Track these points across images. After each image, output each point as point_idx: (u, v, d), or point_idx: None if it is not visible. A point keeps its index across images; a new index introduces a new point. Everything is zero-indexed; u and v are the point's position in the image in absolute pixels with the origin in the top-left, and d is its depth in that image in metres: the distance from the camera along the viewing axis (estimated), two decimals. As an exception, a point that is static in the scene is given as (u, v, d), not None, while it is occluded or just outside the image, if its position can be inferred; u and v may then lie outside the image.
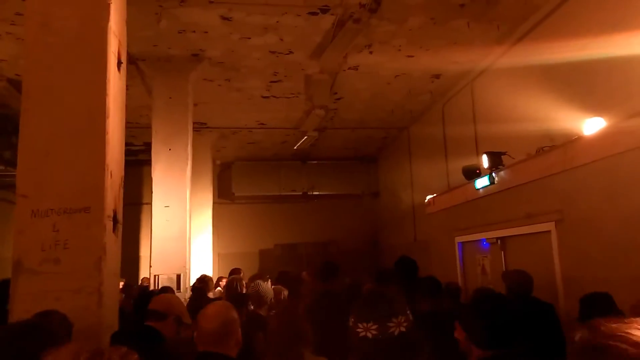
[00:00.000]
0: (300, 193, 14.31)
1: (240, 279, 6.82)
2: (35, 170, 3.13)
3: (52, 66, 3.23)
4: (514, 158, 6.09)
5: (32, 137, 3.16)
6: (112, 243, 3.29)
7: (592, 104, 5.20)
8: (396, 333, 1.58)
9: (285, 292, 5.56)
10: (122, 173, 3.54)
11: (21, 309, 2.88)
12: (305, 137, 11.09)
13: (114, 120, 3.30)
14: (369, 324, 1.59)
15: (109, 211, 3.21)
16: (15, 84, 8.01)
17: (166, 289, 5.53)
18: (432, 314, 3.64)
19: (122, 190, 3.52)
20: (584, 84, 5.54)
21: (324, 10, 6.28)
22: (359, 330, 1.60)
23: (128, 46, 3.82)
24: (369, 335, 1.58)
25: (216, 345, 2.29)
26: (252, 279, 6.17)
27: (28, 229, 3.06)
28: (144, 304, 3.53)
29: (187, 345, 3.01)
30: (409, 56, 7.74)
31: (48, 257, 3.04)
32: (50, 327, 2.05)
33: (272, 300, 4.92)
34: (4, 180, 10.89)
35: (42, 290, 2.98)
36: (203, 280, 6.62)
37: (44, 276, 3.01)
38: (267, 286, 6.04)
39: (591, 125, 4.83)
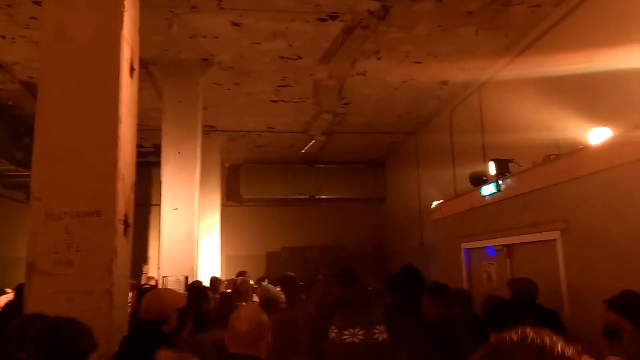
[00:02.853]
0: (308, 196, 14.37)
1: (246, 281, 6.90)
2: (50, 174, 3.21)
3: (66, 72, 3.32)
4: (521, 166, 6.10)
5: (47, 142, 3.25)
6: (123, 246, 3.36)
7: (599, 114, 5.21)
8: (380, 339, 1.64)
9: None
10: (134, 177, 3.62)
11: (35, 310, 2.95)
12: (313, 141, 11.15)
13: (126, 125, 3.38)
14: (356, 330, 1.63)
15: (120, 215, 3.28)
16: (29, 86, 8.15)
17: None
18: (445, 321, 3.66)
19: (133, 194, 3.59)
20: (590, 94, 5.56)
21: (333, 16, 6.35)
22: (345, 337, 1.64)
23: (139, 50, 3.90)
24: (356, 340, 1.62)
25: (247, 347, 2.31)
26: (259, 281, 6.24)
27: (42, 232, 3.13)
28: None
29: (196, 344, 3.04)
30: (416, 62, 7.79)
31: (61, 259, 3.11)
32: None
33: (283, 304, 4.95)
34: (15, 180, 11.03)
35: (55, 291, 3.06)
36: (214, 282, 6.67)
37: (57, 278, 3.08)
38: (276, 290, 6.10)
39: (597, 135, 4.83)
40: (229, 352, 2.36)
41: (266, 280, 9.53)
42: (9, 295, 5.39)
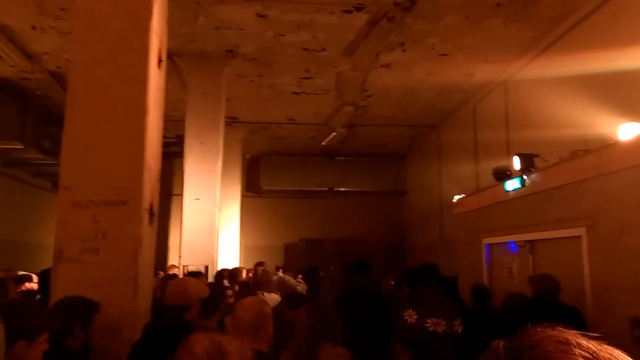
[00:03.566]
0: (327, 189, 14.38)
1: (268, 271, 6.96)
2: (78, 164, 3.26)
3: (96, 63, 3.36)
4: (546, 161, 6.00)
5: (76, 131, 3.30)
6: (148, 235, 3.41)
7: (629, 109, 5.09)
8: (459, 331, 1.66)
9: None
10: (160, 168, 3.66)
11: (62, 296, 3.02)
12: (334, 134, 11.13)
13: (153, 116, 3.41)
14: (438, 320, 1.65)
15: (146, 204, 3.33)
16: (56, 76, 8.29)
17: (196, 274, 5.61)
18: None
19: (158, 184, 3.63)
20: (620, 89, 5.42)
21: (359, 8, 6.30)
22: (427, 325, 1.66)
23: (167, 43, 3.93)
24: (439, 330, 1.64)
25: (248, 335, 2.36)
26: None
27: (69, 220, 3.19)
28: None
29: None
30: (442, 55, 7.70)
31: (87, 246, 3.17)
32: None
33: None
34: (42, 168, 11.28)
35: (81, 278, 3.11)
36: (232, 272, 6.73)
37: (84, 265, 3.14)
38: (293, 280, 6.14)
39: (627, 131, 4.72)
40: None
41: (280, 270, 9.62)
42: (32, 284, 5.50)
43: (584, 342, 0.78)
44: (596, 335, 0.80)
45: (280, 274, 8.93)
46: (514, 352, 0.85)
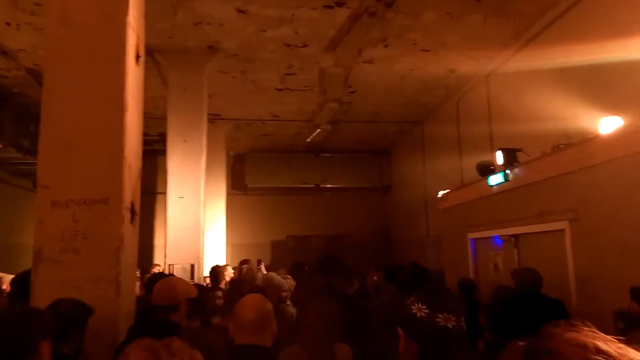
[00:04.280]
0: (313, 185, 14.36)
1: (253, 270, 6.91)
2: (56, 162, 3.19)
3: (72, 59, 3.28)
4: (529, 155, 6.05)
5: (53, 129, 3.22)
6: (130, 234, 3.35)
7: (609, 103, 5.14)
8: (465, 327, 1.67)
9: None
10: (140, 165, 3.60)
11: (42, 298, 2.95)
12: (319, 130, 11.11)
13: (132, 113, 3.35)
14: (449, 315, 1.66)
15: (127, 202, 3.26)
16: (34, 74, 8.13)
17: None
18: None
19: (139, 182, 3.57)
20: (601, 82, 5.48)
21: (340, 3, 6.27)
22: (438, 319, 1.66)
23: (145, 38, 3.86)
24: (450, 325, 1.65)
25: (254, 335, 2.32)
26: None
27: (48, 219, 3.12)
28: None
29: (202, 334, 3.05)
30: (424, 50, 7.71)
31: (68, 246, 3.10)
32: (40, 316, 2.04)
33: (287, 293, 4.96)
34: (21, 168, 11.07)
35: (62, 279, 3.05)
36: (215, 270, 6.67)
37: (64, 265, 3.07)
38: (279, 278, 6.10)
39: (608, 124, 4.78)
40: (235, 344, 2.35)
41: (262, 265, 9.57)
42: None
43: (603, 345, 0.77)
44: (619, 338, 0.79)
45: (263, 268, 8.90)
46: (533, 355, 0.84)
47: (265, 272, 7.75)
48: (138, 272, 7.03)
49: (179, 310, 3.05)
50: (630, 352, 0.77)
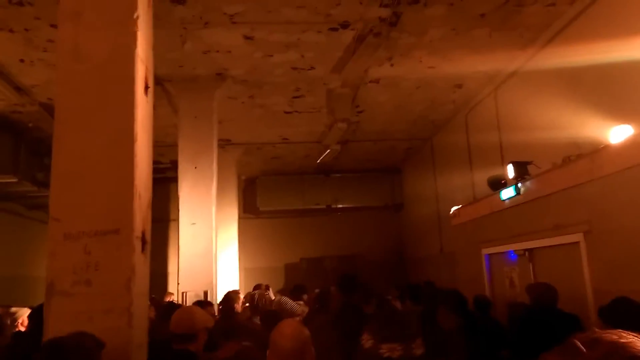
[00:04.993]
0: (324, 206, 14.33)
1: (264, 295, 6.87)
2: (67, 194, 3.22)
3: (82, 92, 3.34)
4: (540, 167, 6.01)
5: (64, 162, 3.26)
6: (141, 263, 3.35)
7: (620, 111, 5.10)
8: (418, 354, 1.59)
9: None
10: (150, 194, 3.62)
11: (55, 330, 2.95)
12: (328, 151, 11.15)
13: (141, 143, 3.39)
14: (394, 344, 1.58)
15: (137, 232, 3.28)
16: (47, 108, 8.30)
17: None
18: (463, 329, 3.61)
19: (150, 211, 3.59)
20: (611, 91, 5.45)
21: (344, 25, 6.35)
22: (382, 351, 1.59)
23: (154, 68, 3.93)
24: (394, 355, 1.57)
25: None
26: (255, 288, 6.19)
27: (60, 252, 3.14)
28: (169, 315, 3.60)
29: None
30: (430, 67, 7.74)
31: (80, 279, 3.11)
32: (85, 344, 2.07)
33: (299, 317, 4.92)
34: (37, 200, 11.22)
35: (74, 311, 3.05)
36: (228, 297, 6.65)
37: (76, 298, 3.08)
38: (292, 303, 6.07)
39: (619, 133, 4.74)
40: None
41: (270, 291, 9.51)
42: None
43: None
44: None
45: (271, 293, 8.84)
46: None
47: (273, 297, 7.70)
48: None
49: (198, 339, 3.05)
50: None
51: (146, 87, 3.59)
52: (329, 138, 10.32)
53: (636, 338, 0.79)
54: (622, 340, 0.80)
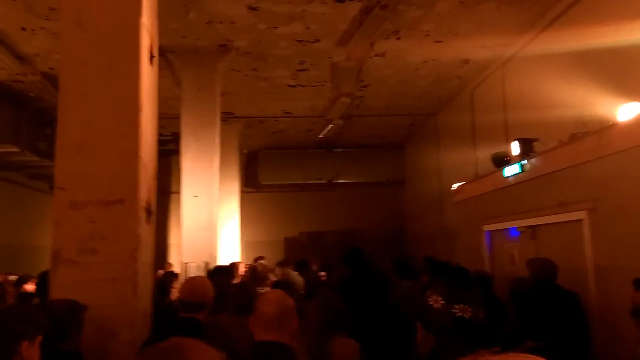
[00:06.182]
0: (326, 181, 14.34)
1: (266, 266, 6.93)
2: (73, 164, 3.22)
3: (87, 62, 3.31)
4: (546, 145, 5.97)
5: (69, 132, 3.25)
6: (146, 233, 3.37)
7: (628, 89, 5.04)
8: (482, 317, 1.68)
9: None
10: (156, 165, 3.62)
11: (60, 298, 2.98)
12: (331, 125, 11.09)
13: (147, 113, 3.37)
14: (465, 306, 1.65)
15: (143, 202, 3.29)
16: (49, 78, 8.21)
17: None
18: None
19: (155, 182, 3.59)
20: (619, 69, 5.38)
21: (351, -3, 6.23)
22: (455, 310, 1.67)
23: (158, 39, 3.87)
24: (466, 316, 1.65)
25: (274, 331, 2.29)
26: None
27: (66, 221, 3.15)
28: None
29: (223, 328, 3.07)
30: (437, 41, 7.63)
31: (85, 247, 3.13)
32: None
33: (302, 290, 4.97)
34: (38, 171, 11.23)
35: (79, 279, 3.08)
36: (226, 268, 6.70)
37: (82, 266, 3.11)
38: (297, 276, 6.12)
39: (627, 111, 4.69)
40: (255, 340, 2.34)
41: (264, 262, 9.60)
42: (32, 285, 5.47)
43: None
44: None
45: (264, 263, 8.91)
46: None
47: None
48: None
49: (206, 309, 3.09)
50: None
51: (151, 57, 3.55)
52: (332, 113, 10.25)
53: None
54: None
